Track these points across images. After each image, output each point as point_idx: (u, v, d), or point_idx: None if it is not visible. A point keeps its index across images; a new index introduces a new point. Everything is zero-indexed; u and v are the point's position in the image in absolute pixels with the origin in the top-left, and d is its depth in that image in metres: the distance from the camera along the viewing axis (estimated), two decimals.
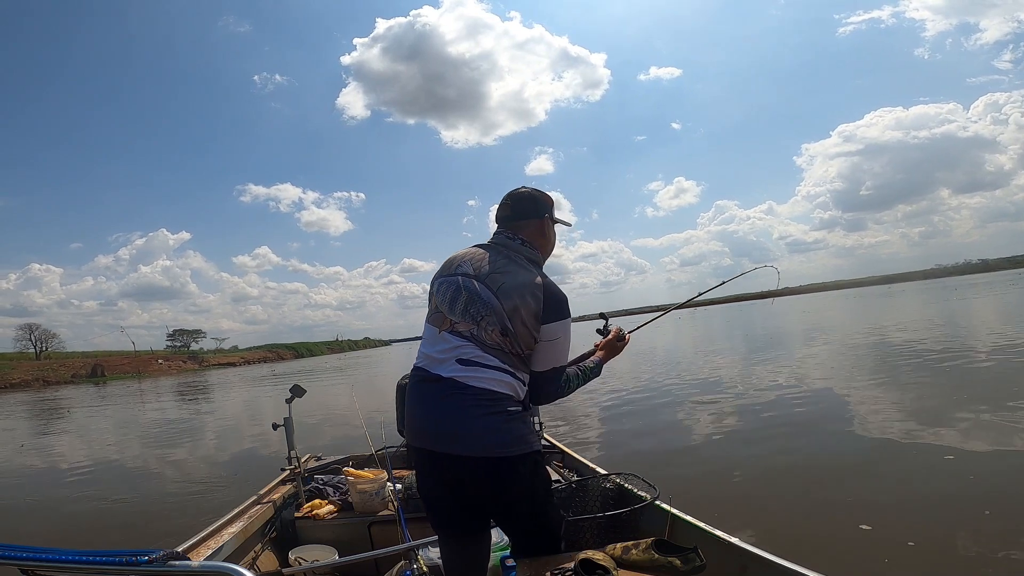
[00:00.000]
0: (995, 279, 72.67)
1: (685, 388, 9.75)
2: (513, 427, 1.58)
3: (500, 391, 1.57)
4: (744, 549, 1.71)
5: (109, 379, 53.06)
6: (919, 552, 3.01)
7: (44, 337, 69.75)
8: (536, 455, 1.64)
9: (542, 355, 1.63)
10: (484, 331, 1.59)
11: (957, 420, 5.54)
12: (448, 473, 1.63)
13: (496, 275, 1.63)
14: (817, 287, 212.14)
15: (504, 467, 1.56)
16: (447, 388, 1.59)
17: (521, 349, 1.60)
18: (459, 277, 1.67)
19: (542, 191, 1.83)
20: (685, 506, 2.12)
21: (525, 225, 1.76)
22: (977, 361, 9.04)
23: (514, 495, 1.61)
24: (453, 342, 1.62)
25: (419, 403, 1.67)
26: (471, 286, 1.64)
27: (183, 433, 11.89)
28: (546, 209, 1.80)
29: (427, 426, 1.64)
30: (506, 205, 1.79)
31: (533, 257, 1.73)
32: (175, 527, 4.42)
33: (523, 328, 1.58)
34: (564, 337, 1.65)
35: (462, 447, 1.56)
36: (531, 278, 1.63)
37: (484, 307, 1.60)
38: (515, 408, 1.59)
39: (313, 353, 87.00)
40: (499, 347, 1.58)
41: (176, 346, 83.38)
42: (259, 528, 2.66)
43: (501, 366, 1.58)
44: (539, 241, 1.76)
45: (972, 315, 20.09)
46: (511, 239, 1.74)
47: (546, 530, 1.66)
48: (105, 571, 0.95)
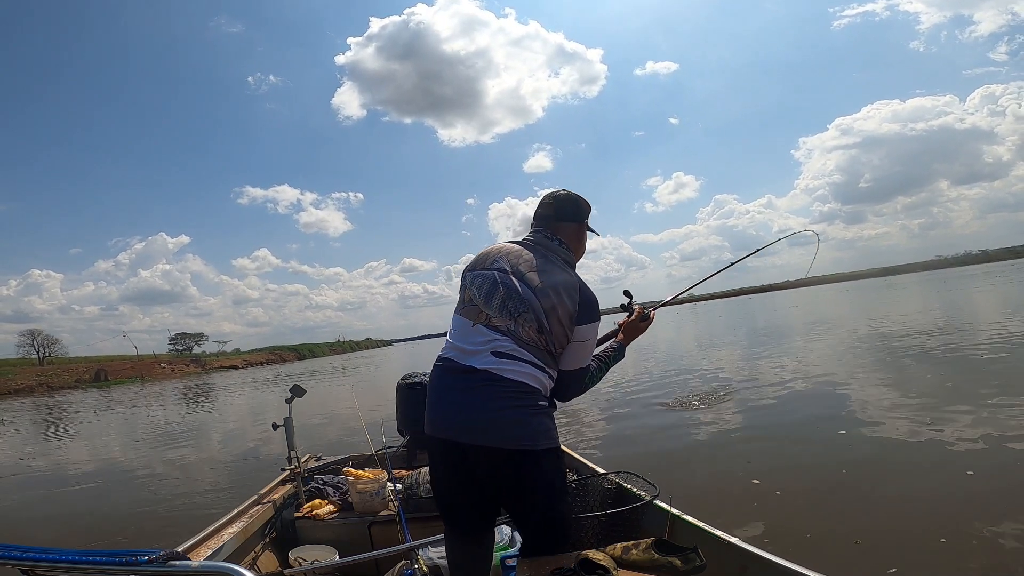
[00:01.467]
0: (992, 269, 72.59)
1: (686, 384, 9.73)
2: (541, 421, 1.61)
3: (532, 384, 1.60)
4: (744, 549, 1.71)
5: (113, 383, 53.21)
6: (946, 548, 2.98)
7: (47, 343, 70.16)
8: (559, 451, 1.68)
9: (571, 355, 1.68)
10: (521, 327, 1.61)
11: (967, 413, 5.52)
12: (470, 465, 1.62)
13: (533, 273, 1.65)
14: (816, 280, 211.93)
15: (529, 460, 1.59)
16: (480, 379, 1.59)
17: (555, 347, 1.64)
18: (495, 272, 1.68)
19: (583, 197, 1.86)
20: (685, 506, 2.11)
21: (565, 227, 1.78)
22: (978, 352, 9.01)
23: (534, 488, 1.62)
24: (488, 335, 1.62)
25: (447, 393, 1.66)
26: (509, 282, 1.65)
27: (187, 435, 11.91)
28: (586, 214, 1.84)
29: (454, 415, 1.62)
30: (548, 204, 1.80)
31: (568, 259, 1.76)
32: (175, 527, 4.44)
33: (559, 327, 1.62)
34: (593, 339, 1.72)
35: (490, 438, 1.57)
36: (569, 279, 1.67)
37: (522, 304, 1.62)
38: (543, 403, 1.63)
39: (315, 354, 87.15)
40: (535, 344, 1.62)
41: (178, 350, 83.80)
42: (259, 528, 2.66)
43: (535, 361, 1.61)
44: (575, 245, 1.80)
45: (973, 305, 20.03)
46: (550, 239, 1.75)
47: (559, 525, 1.67)
48: (105, 571, 0.95)
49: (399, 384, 3.56)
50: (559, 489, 1.68)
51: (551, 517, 1.65)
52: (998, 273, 52.13)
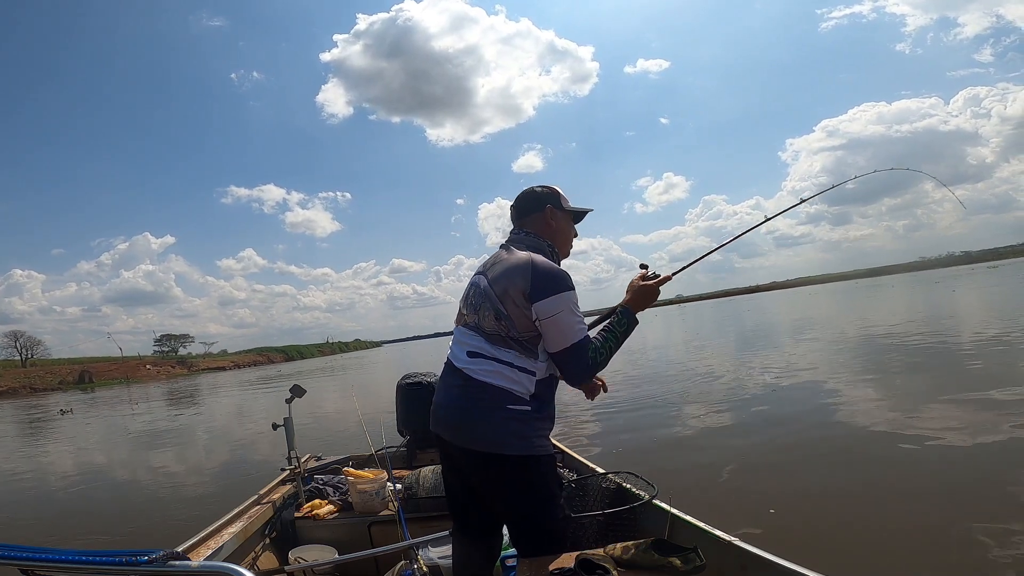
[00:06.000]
0: (966, 271, 73.86)
1: (683, 384, 9.81)
2: (510, 426, 1.56)
3: (501, 386, 1.58)
4: (744, 549, 1.70)
5: (97, 385, 52.41)
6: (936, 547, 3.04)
7: (29, 344, 68.93)
8: (533, 459, 1.58)
9: (548, 335, 1.58)
10: (482, 318, 1.65)
11: (954, 409, 5.63)
12: (458, 461, 1.70)
13: (496, 266, 1.70)
14: (804, 281, 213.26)
15: (494, 464, 1.58)
16: (459, 379, 1.66)
17: (519, 332, 1.59)
18: (476, 277, 1.78)
19: (546, 185, 1.87)
20: (685, 505, 2.11)
21: (531, 220, 1.81)
22: (964, 350, 9.18)
23: (505, 495, 1.62)
24: (464, 333, 1.72)
25: (438, 391, 1.76)
26: (476, 280, 1.76)
27: (182, 436, 11.78)
28: (547, 200, 1.81)
29: (440, 413, 1.70)
30: (512, 207, 1.87)
31: (535, 244, 1.74)
32: (175, 527, 4.40)
33: (515, 309, 1.59)
34: (566, 312, 1.57)
35: (463, 438, 1.62)
36: (520, 258, 1.65)
37: (481, 295, 1.68)
38: (516, 407, 1.57)
39: (303, 355, 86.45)
40: (497, 333, 1.61)
41: (164, 351, 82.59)
42: (259, 528, 2.66)
43: (502, 358, 1.59)
44: (545, 231, 1.79)
45: (952, 305, 20.36)
46: (517, 233, 1.81)
47: (541, 534, 1.61)
48: (105, 571, 0.95)
49: (399, 384, 3.57)
50: (538, 498, 1.60)
51: (529, 525, 1.61)
52: (978, 273, 53.10)
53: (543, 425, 1.63)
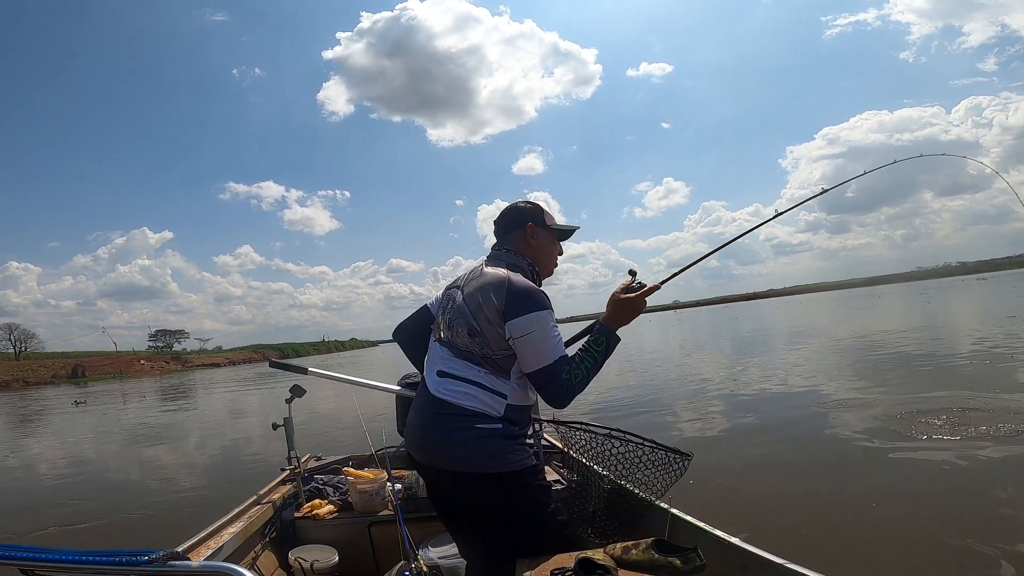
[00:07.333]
0: (958, 282, 74.48)
1: (681, 388, 9.83)
2: (480, 444, 1.53)
3: (470, 407, 1.55)
4: (744, 549, 1.70)
5: (91, 379, 52.14)
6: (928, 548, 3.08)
7: (24, 337, 68.56)
8: (510, 475, 1.54)
9: (522, 355, 1.54)
10: (456, 334, 1.63)
11: (948, 416, 5.67)
12: (430, 478, 1.75)
13: (472, 282, 1.68)
14: (801, 289, 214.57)
15: (471, 484, 1.55)
16: (430, 399, 1.64)
17: (492, 350, 1.56)
18: (451, 291, 1.76)
19: (529, 201, 1.84)
20: (685, 506, 2.12)
21: (511, 238, 1.79)
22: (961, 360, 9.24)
23: (488, 512, 1.59)
24: (437, 350, 1.71)
25: (412, 410, 1.75)
26: (452, 295, 1.73)
27: (181, 435, 11.72)
28: (528, 218, 1.77)
29: (413, 434, 1.70)
30: (495, 222, 1.85)
31: (514, 261, 1.71)
32: (175, 527, 4.39)
33: (488, 326, 1.56)
34: (541, 331, 1.52)
35: (435, 459, 1.61)
36: (496, 275, 1.63)
37: (456, 311, 1.66)
38: (486, 425, 1.54)
39: (299, 354, 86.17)
40: (469, 350, 1.59)
41: (159, 347, 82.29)
42: (259, 528, 2.65)
43: (472, 378, 1.57)
44: (525, 249, 1.76)
45: (947, 315, 20.49)
46: (498, 249, 1.79)
47: (535, 539, 1.56)
48: (105, 571, 0.94)
49: (399, 384, 3.57)
50: (521, 511, 1.55)
51: (517, 535, 1.55)
52: (966, 285, 53.64)
53: (517, 440, 1.60)
